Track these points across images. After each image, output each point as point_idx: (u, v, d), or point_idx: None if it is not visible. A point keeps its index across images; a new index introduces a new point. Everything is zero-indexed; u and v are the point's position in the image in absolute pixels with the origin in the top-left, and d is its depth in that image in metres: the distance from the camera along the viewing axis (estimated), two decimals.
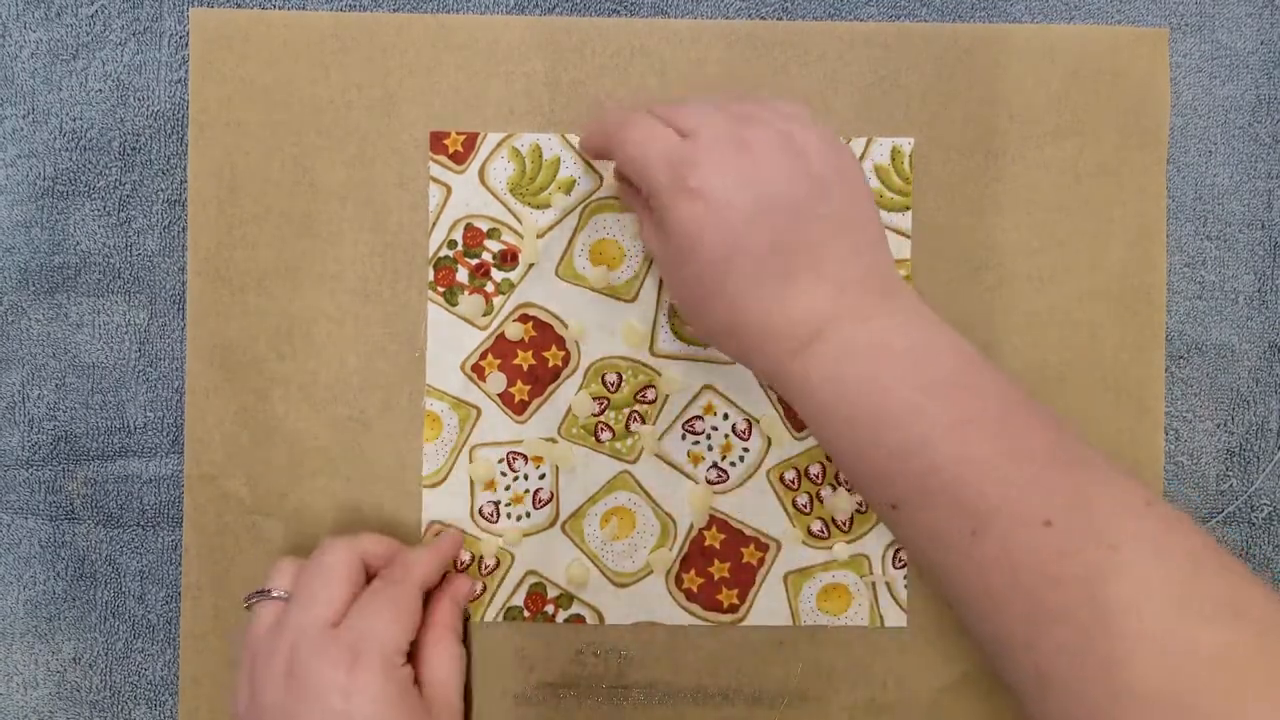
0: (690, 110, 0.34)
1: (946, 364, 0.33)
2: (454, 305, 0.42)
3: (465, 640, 0.40)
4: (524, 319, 0.42)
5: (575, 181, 0.42)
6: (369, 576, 0.38)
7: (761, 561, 0.42)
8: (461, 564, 0.42)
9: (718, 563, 0.42)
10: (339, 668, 0.33)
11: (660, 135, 0.34)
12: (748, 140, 0.33)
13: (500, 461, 0.42)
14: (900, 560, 0.42)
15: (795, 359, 0.33)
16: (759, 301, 0.33)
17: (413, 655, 0.36)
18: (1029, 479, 0.31)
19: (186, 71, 0.42)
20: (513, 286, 0.42)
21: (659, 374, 0.42)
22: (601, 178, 0.42)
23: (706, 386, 0.42)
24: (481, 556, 0.42)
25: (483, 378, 0.42)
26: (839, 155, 0.34)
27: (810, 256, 0.33)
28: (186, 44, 0.42)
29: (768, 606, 0.42)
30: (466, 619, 0.41)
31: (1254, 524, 0.43)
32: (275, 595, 0.37)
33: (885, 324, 0.33)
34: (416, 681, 0.36)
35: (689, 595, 0.42)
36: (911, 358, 0.33)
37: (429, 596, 0.38)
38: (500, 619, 0.42)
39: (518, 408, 0.42)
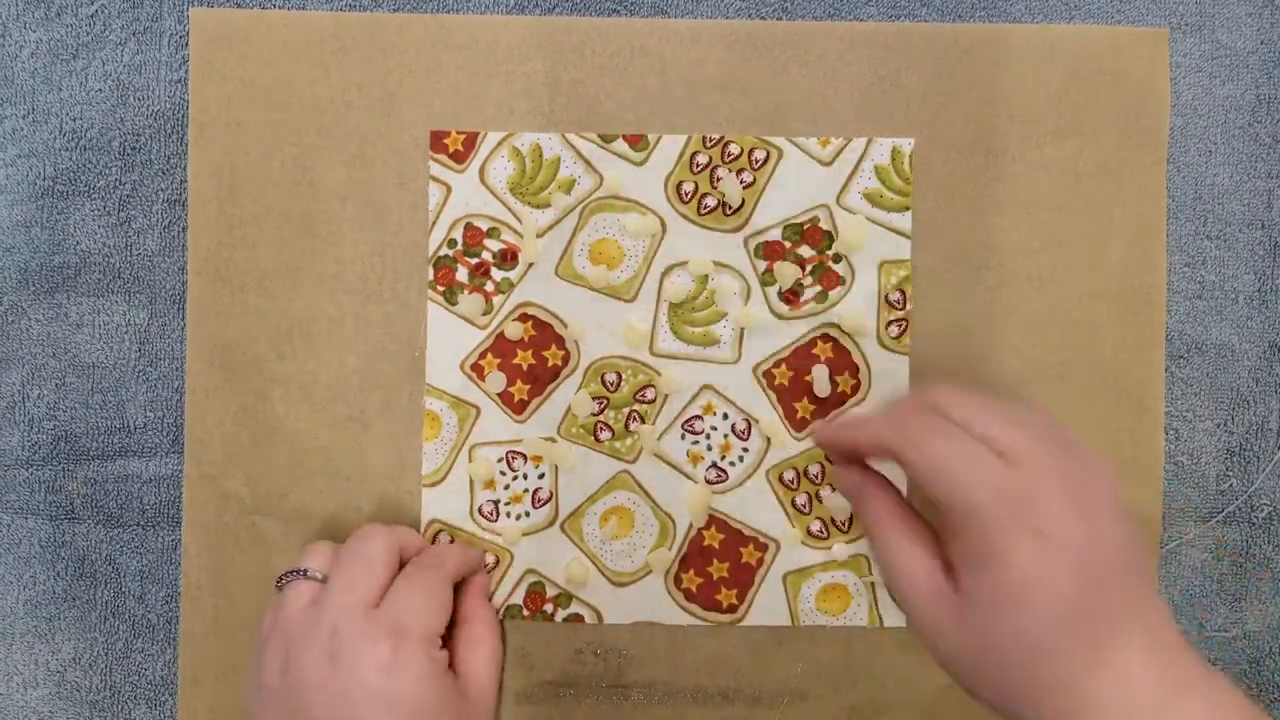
0: (1005, 429, 0.31)
1: None
2: (454, 304, 0.42)
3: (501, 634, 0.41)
4: (524, 318, 0.42)
5: (575, 181, 0.42)
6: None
7: (761, 561, 0.42)
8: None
9: (717, 562, 0.42)
10: (381, 646, 0.34)
11: (980, 456, 0.31)
12: (1078, 479, 0.31)
13: (500, 461, 0.42)
14: None
15: None
16: (1094, 665, 0.30)
17: (448, 641, 0.38)
18: None
19: (186, 71, 0.42)
20: (512, 286, 0.42)
21: (658, 374, 0.42)
22: (602, 178, 0.42)
23: (706, 386, 0.42)
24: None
25: (482, 377, 0.42)
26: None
27: (1139, 618, 0.31)
28: (186, 44, 0.42)
29: (767, 606, 0.42)
30: (500, 615, 0.42)
31: (1254, 524, 0.43)
32: (311, 576, 0.37)
33: (1216, 698, 0.31)
34: (451, 665, 0.37)
35: (688, 595, 0.42)
36: None
37: (457, 588, 0.40)
38: (500, 617, 0.42)
39: (517, 407, 0.42)
